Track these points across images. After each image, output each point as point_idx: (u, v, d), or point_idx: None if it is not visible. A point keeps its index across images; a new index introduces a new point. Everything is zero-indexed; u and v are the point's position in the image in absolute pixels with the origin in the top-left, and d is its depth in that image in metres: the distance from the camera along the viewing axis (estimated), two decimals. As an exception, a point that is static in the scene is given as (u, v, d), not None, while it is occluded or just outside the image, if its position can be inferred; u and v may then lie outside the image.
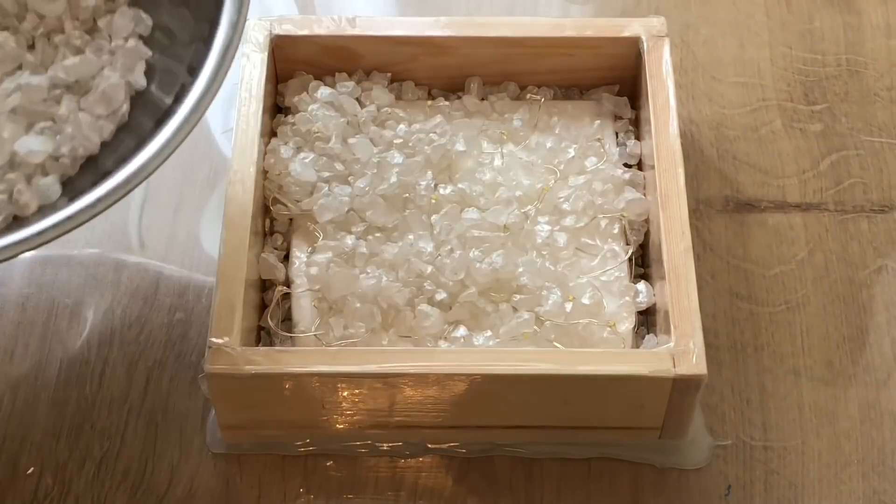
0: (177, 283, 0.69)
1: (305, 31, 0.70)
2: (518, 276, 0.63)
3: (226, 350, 0.58)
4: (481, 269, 0.63)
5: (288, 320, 0.63)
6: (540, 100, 0.71)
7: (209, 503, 0.62)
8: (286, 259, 0.65)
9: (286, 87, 0.71)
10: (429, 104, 0.70)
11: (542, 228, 0.65)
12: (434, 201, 0.66)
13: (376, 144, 0.68)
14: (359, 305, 0.62)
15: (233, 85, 0.65)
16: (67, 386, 0.65)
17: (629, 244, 0.66)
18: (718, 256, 0.70)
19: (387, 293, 0.62)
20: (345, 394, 0.59)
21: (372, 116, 0.69)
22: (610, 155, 0.68)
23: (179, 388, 0.65)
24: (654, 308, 0.63)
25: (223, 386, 0.59)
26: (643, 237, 0.66)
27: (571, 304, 0.63)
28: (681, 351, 0.58)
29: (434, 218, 0.65)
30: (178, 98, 0.56)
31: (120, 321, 0.67)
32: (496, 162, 0.68)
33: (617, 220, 0.66)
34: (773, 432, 0.64)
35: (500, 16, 0.81)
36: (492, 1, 0.83)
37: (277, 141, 0.68)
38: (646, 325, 0.64)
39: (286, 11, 0.83)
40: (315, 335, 0.62)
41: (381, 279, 0.63)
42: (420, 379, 0.58)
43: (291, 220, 0.67)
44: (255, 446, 0.63)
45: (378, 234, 0.65)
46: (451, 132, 0.68)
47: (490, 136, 0.69)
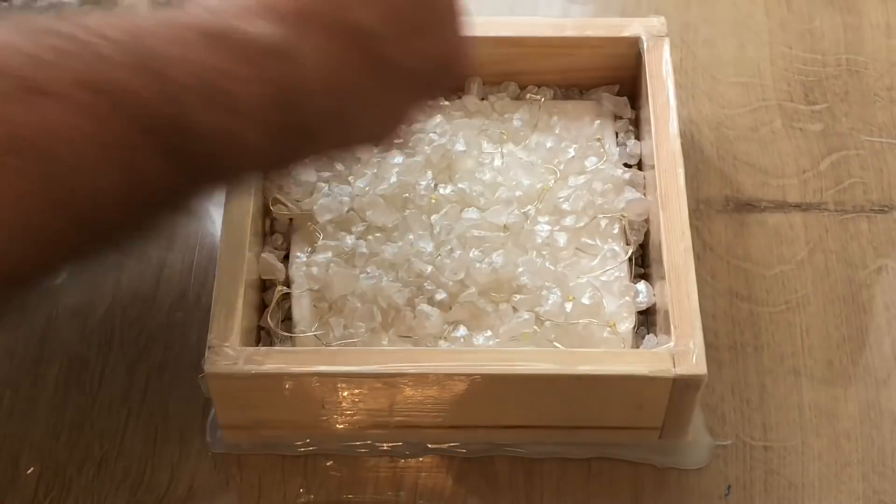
0: (177, 283, 0.69)
1: (305, 31, 0.70)
2: (518, 276, 0.63)
3: (226, 350, 0.58)
4: (481, 269, 0.63)
5: (288, 320, 0.63)
6: (540, 100, 0.71)
7: (209, 503, 0.62)
8: (286, 259, 0.65)
9: (286, 87, 0.71)
10: (429, 104, 0.70)
11: (542, 228, 0.65)
12: (434, 201, 0.66)
13: (376, 144, 0.68)
14: (359, 305, 0.62)
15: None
16: (67, 386, 0.65)
17: (629, 244, 0.66)
18: (718, 256, 0.70)
19: (387, 293, 0.62)
20: (345, 394, 0.59)
21: (372, 116, 0.69)
22: (610, 155, 0.68)
23: (179, 389, 0.65)
24: (654, 308, 0.63)
25: (223, 386, 0.59)
26: (643, 237, 0.66)
27: (571, 304, 0.63)
28: (681, 351, 0.58)
29: (434, 218, 0.65)
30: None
31: (120, 321, 0.67)
32: (496, 162, 0.68)
33: (617, 220, 0.66)
34: (773, 432, 0.64)
35: (500, 16, 0.81)
36: (492, 1, 0.83)
37: (277, 141, 0.68)
38: (646, 325, 0.64)
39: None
40: (315, 335, 0.62)
41: (381, 279, 0.63)
42: (420, 379, 0.58)
43: (291, 220, 0.67)
44: (255, 446, 0.63)
45: (378, 234, 0.65)
46: (451, 132, 0.68)
47: (490, 136, 0.69)
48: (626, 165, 0.69)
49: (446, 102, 0.70)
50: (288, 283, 0.64)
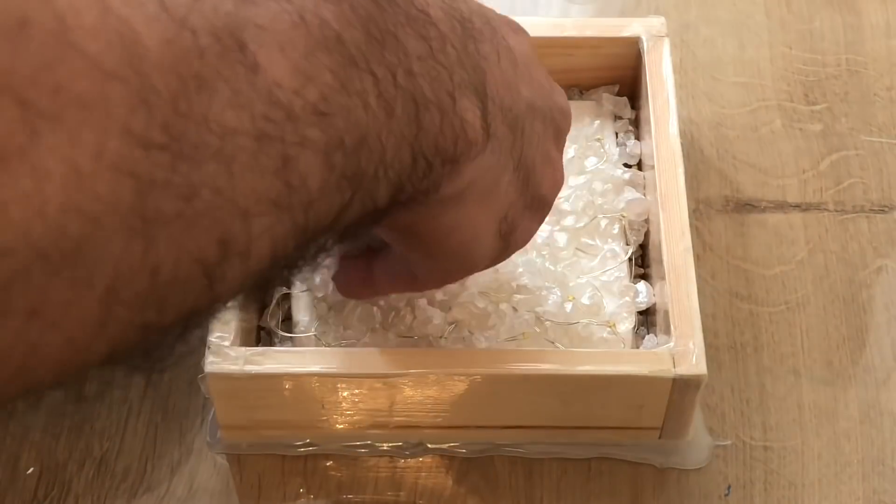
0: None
1: (305, 31, 0.70)
2: (518, 276, 0.63)
3: (226, 350, 0.58)
4: (481, 269, 0.63)
5: (288, 320, 0.63)
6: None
7: (209, 503, 0.62)
8: (286, 259, 0.65)
9: (286, 87, 0.71)
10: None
11: (542, 228, 0.65)
12: (434, 201, 0.66)
13: (376, 144, 0.68)
14: (358, 306, 0.62)
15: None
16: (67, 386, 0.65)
17: (629, 244, 0.66)
18: (718, 256, 0.70)
19: (387, 293, 0.62)
20: (345, 394, 0.59)
21: (372, 116, 0.69)
22: (610, 155, 0.68)
23: (179, 388, 0.65)
24: (654, 308, 0.63)
25: (223, 386, 0.59)
26: (643, 237, 0.66)
27: (571, 304, 0.62)
28: (681, 351, 0.58)
29: (434, 218, 0.65)
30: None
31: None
32: (496, 162, 0.68)
33: (617, 220, 0.66)
34: (773, 432, 0.64)
35: (500, 16, 0.81)
36: (492, 1, 0.82)
37: (277, 141, 0.68)
38: (646, 325, 0.64)
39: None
40: (315, 335, 0.62)
41: (381, 279, 0.63)
42: (420, 379, 0.58)
43: (291, 220, 0.67)
44: (255, 446, 0.63)
45: (378, 234, 0.65)
46: (451, 132, 0.68)
47: (490, 136, 0.69)
48: (626, 165, 0.69)
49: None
50: (288, 283, 0.64)
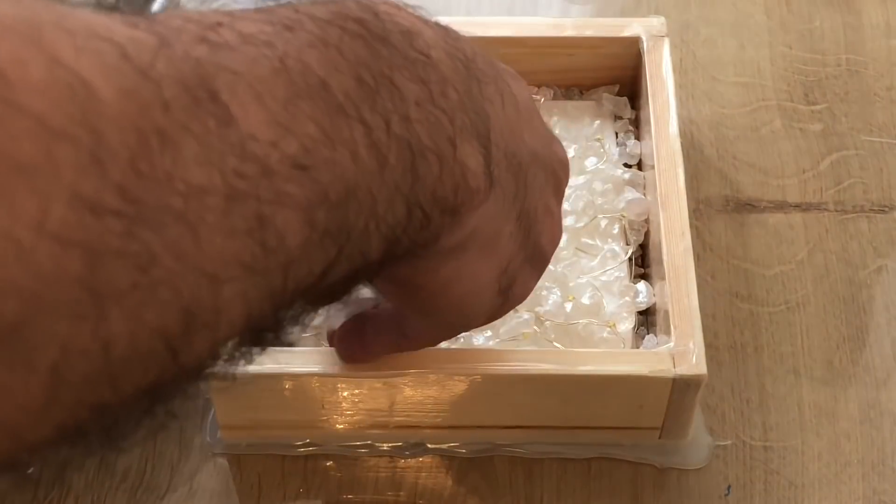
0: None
1: (305, 31, 0.70)
2: (518, 276, 0.63)
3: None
4: (481, 269, 0.63)
5: (288, 320, 0.63)
6: (540, 100, 0.71)
7: (209, 503, 0.62)
8: (286, 259, 0.65)
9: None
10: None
11: (542, 228, 0.65)
12: (434, 201, 0.66)
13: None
14: (359, 305, 0.62)
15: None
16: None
17: (629, 244, 0.66)
18: (718, 256, 0.70)
19: (387, 293, 0.62)
20: (345, 394, 0.59)
21: (372, 116, 0.69)
22: (610, 155, 0.68)
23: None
24: (654, 308, 0.63)
25: (223, 386, 0.59)
26: (643, 237, 0.66)
27: (571, 304, 0.62)
28: (681, 351, 0.58)
29: (434, 218, 0.65)
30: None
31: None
32: (496, 162, 0.68)
33: (617, 220, 0.66)
34: (773, 432, 0.64)
35: (500, 16, 0.81)
36: (492, 1, 0.83)
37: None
38: (646, 325, 0.64)
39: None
40: (315, 335, 0.62)
41: (381, 279, 0.63)
42: (420, 379, 0.58)
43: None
44: (255, 446, 0.63)
45: (378, 234, 0.65)
46: (451, 132, 0.68)
47: (490, 136, 0.69)
48: (626, 165, 0.69)
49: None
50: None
